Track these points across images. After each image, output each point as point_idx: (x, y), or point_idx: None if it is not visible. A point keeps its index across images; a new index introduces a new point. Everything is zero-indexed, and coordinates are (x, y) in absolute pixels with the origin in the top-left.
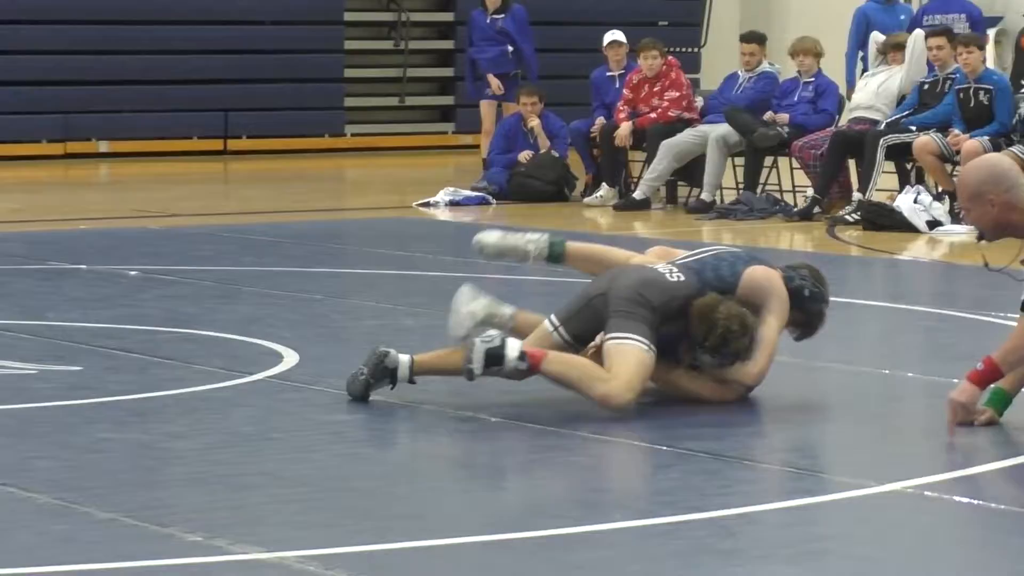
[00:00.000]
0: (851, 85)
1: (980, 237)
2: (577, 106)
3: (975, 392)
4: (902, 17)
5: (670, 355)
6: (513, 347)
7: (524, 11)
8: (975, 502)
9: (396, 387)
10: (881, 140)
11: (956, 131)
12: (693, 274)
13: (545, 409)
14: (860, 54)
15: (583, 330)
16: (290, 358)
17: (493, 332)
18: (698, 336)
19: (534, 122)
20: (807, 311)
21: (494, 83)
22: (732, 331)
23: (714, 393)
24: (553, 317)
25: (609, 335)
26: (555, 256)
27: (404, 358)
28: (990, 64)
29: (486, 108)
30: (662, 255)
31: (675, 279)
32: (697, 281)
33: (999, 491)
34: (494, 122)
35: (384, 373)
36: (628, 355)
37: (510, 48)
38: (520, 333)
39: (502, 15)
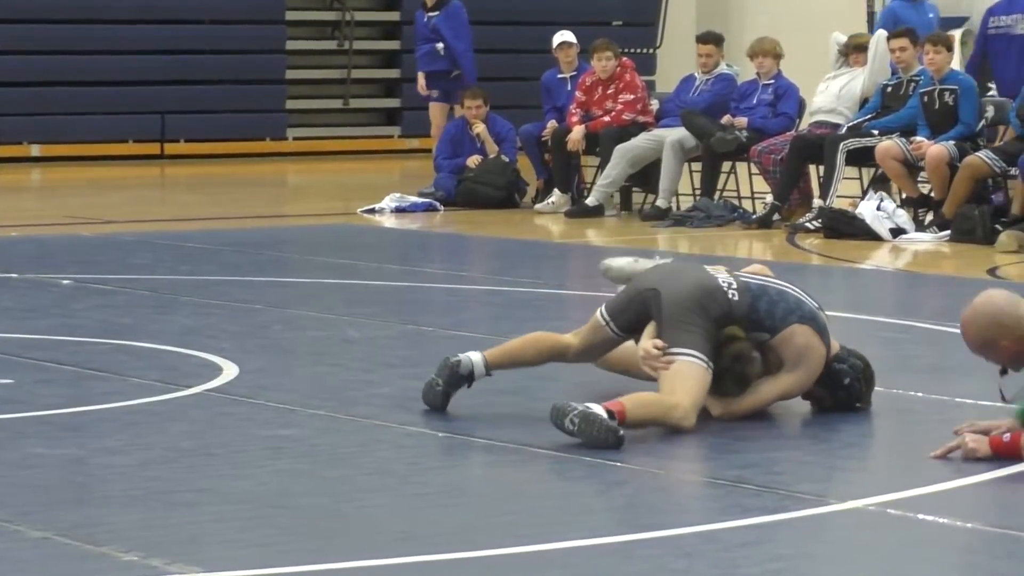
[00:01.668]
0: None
1: (1003, 371)
2: (527, 109)
3: (987, 454)
4: (931, 16)
5: None
6: (599, 411)
7: (460, 9)
8: (939, 520)
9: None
10: (842, 145)
11: (920, 137)
12: (749, 297)
13: (494, 424)
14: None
15: (633, 322)
16: (229, 370)
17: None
18: None
19: (479, 128)
20: (835, 398)
21: (420, 82)
22: (731, 372)
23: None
24: (604, 311)
25: (674, 350)
26: None
27: (476, 357)
28: (955, 65)
29: (434, 110)
30: (759, 272)
31: (732, 296)
32: (748, 309)
33: (963, 509)
34: (442, 125)
35: (460, 380)
36: (689, 376)
37: (440, 46)
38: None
39: (437, 12)
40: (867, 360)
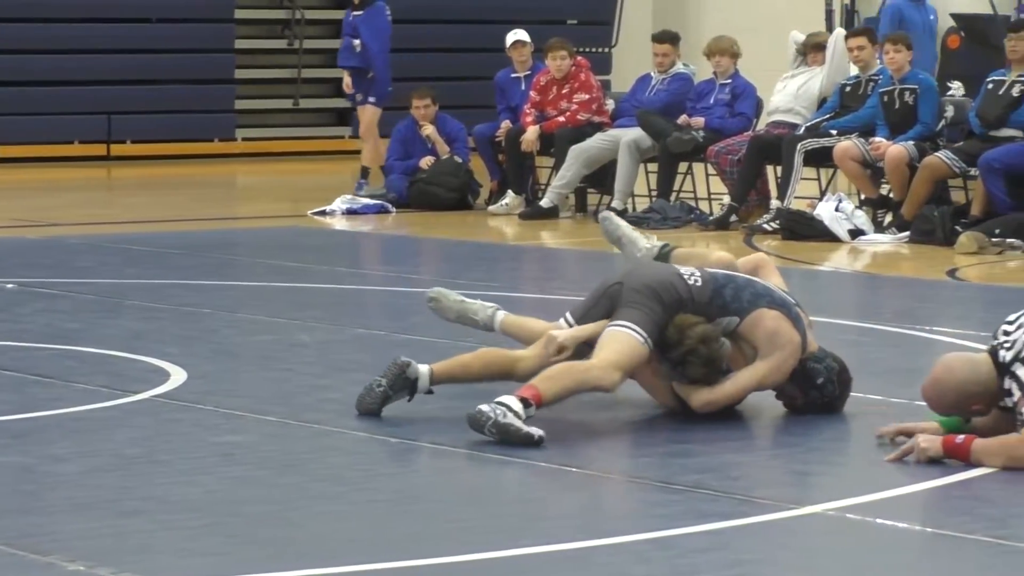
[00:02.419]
0: None
1: (967, 421)
2: (481, 109)
3: (938, 453)
4: (931, 18)
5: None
6: (515, 405)
7: (383, 10)
8: (899, 525)
9: (413, 399)
10: (799, 145)
11: (879, 138)
12: (713, 283)
13: (447, 429)
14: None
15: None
16: (177, 376)
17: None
18: (666, 343)
19: (428, 130)
20: (807, 397)
21: (346, 80)
22: (696, 354)
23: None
24: (569, 316)
25: (611, 323)
26: (663, 259)
27: (424, 368)
28: None
29: (360, 111)
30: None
31: (692, 282)
32: (711, 293)
33: (921, 513)
34: (371, 123)
35: (405, 384)
36: (615, 340)
37: (356, 42)
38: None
39: (360, 11)
40: (845, 364)
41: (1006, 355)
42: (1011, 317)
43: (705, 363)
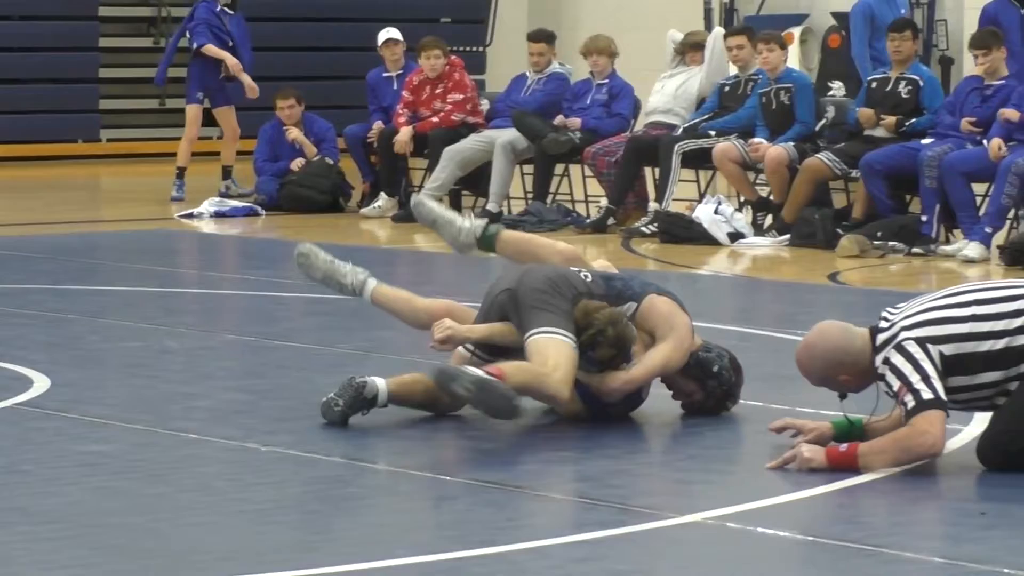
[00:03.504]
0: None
1: (843, 396)
2: (352, 109)
3: (822, 464)
4: (903, 11)
5: None
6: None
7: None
8: (780, 533)
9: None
10: (677, 146)
11: (758, 139)
12: (603, 280)
13: (319, 438)
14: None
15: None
16: (41, 383)
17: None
18: (576, 329)
19: (293, 134)
20: (706, 387)
21: (230, 59)
22: (605, 335)
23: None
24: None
25: (534, 330)
26: (487, 241)
27: (381, 384)
28: (795, 64)
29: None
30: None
31: (584, 277)
32: (606, 288)
33: (803, 522)
34: (233, 126)
35: (363, 404)
36: (556, 348)
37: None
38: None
39: (232, 13)
40: (732, 355)
41: (882, 336)
42: (899, 304)
43: (613, 344)
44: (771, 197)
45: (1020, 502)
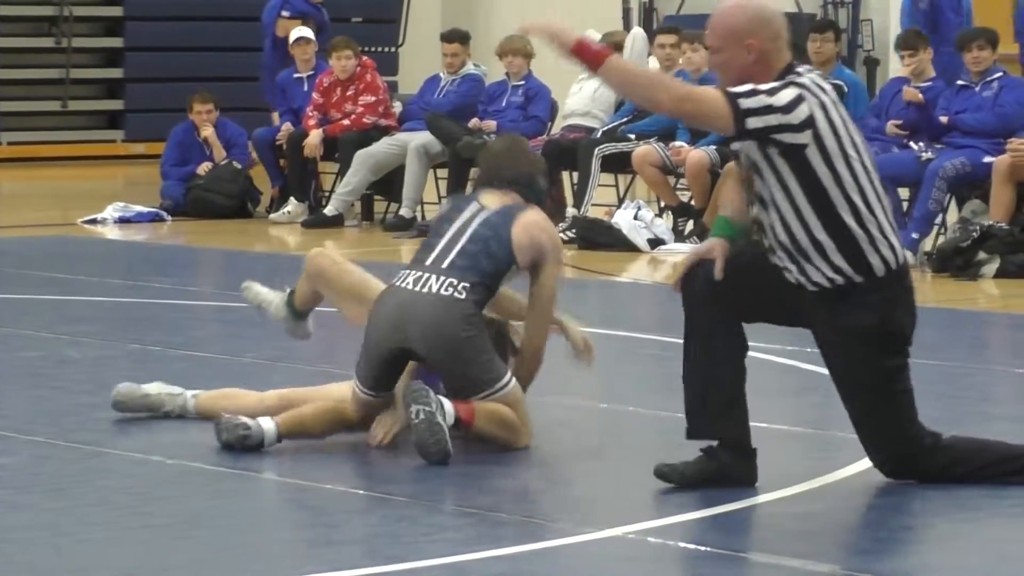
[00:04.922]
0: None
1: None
2: (260, 111)
3: (568, 43)
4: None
5: None
6: (445, 418)
7: None
8: (701, 548)
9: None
10: (596, 150)
11: (679, 142)
12: (472, 274)
13: (227, 451)
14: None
15: (391, 384)
16: None
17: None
18: None
19: (207, 131)
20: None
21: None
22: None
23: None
24: (356, 383)
25: (484, 392)
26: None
27: (268, 425)
28: None
29: None
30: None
31: (462, 296)
32: (480, 285)
33: (722, 536)
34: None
35: (250, 450)
36: (519, 402)
37: None
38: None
39: None
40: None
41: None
42: None
43: (496, 340)
44: (692, 202)
45: (940, 515)
